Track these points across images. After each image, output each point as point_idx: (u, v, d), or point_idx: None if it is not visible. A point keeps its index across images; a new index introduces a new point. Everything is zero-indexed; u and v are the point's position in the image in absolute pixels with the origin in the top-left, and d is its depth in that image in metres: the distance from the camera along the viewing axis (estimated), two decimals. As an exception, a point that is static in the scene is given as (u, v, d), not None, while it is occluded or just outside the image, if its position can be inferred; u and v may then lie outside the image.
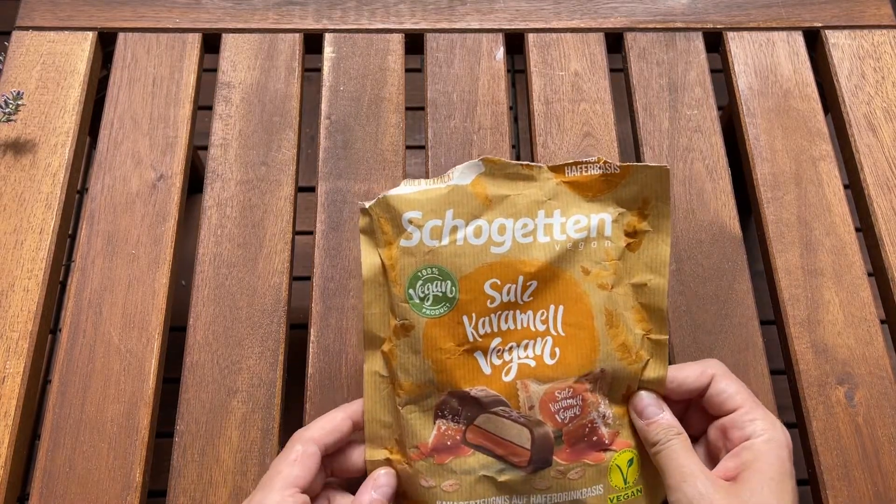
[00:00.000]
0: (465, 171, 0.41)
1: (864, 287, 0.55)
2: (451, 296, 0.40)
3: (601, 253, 0.42)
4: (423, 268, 0.40)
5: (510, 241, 0.41)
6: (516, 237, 0.41)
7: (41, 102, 0.61)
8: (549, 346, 0.41)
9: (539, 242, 0.41)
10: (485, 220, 0.41)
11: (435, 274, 0.40)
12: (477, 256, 0.40)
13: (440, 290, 0.40)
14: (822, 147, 0.61)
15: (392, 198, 0.41)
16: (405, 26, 0.66)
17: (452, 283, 0.40)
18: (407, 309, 0.41)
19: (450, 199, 0.41)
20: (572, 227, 0.41)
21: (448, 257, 0.40)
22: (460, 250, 0.40)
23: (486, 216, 0.41)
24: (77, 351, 0.52)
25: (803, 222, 0.58)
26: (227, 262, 0.56)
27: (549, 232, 0.41)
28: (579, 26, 0.66)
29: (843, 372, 0.53)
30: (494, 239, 0.40)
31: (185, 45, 0.64)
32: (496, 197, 0.41)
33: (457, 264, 0.40)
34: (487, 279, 0.40)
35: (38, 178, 0.58)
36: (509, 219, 0.41)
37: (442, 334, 0.40)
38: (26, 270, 0.54)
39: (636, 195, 0.42)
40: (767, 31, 0.66)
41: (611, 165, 0.42)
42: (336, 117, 0.62)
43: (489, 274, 0.40)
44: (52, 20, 0.65)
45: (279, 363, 0.52)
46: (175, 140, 0.60)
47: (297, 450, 0.41)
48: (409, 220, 0.40)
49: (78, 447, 0.49)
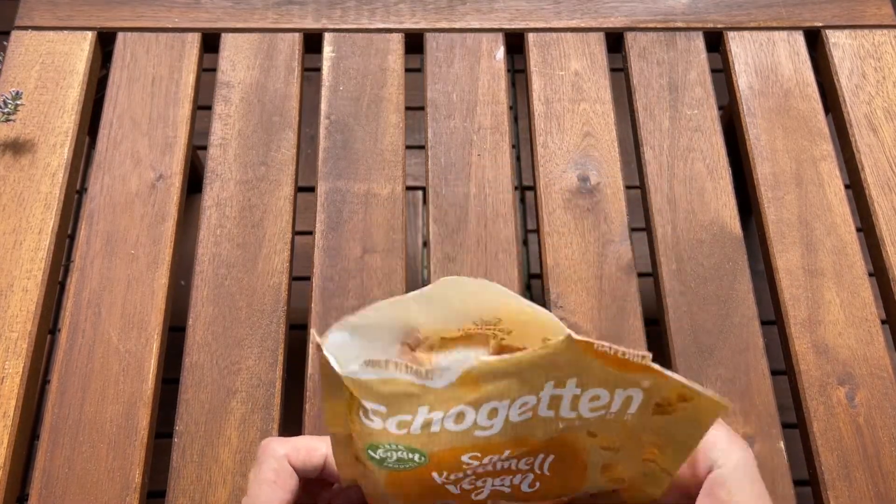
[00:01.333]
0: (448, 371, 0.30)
1: (865, 287, 0.55)
2: (419, 462, 0.32)
3: (617, 425, 0.33)
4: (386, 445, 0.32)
5: (501, 424, 0.32)
6: (510, 417, 0.32)
7: (40, 102, 0.61)
8: (528, 480, 0.35)
9: (539, 417, 0.32)
10: (470, 407, 0.31)
11: (399, 448, 0.32)
12: (455, 439, 0.32)
13: (406, 457, 0.32)
14: (822, 147, 0.61)
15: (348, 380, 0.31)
16: (405, 26, 0.65)
17: (421, 455, 0.32)
18: (365, 458, 0.33)
19: (424, 399, 0.31)
20: (586, 405, 0.32)
21: (417, 443, 0.32)
22: (434, 437, 0.32)
23: (474, 404, 0.31)
24: (76, 351, 0.52)
25: (804, 222, 0.58)
26: (227, 263, 0.55)
27: (554, 405, 0.32)
28: (579, 26, 0.66)
29: (843, 372, 0.53)
30: (480, 423, 0.32)
31: (185, 44, 0.64)
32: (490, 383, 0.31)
33: (429, 445, 0.32)
34: (466, 453, 0.32)
35: (38, 178, 0.58)
36: (504, 401, 0.31)
37: (407, 480, 0.33)
38: (25, 270, 0.54)
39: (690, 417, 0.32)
40: (768, 31, 0.66)
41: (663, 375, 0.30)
42: (336, 117, 0.61)
43: (469, 450, 0.32)
44: (52, 20, 0.65)
45: (279, 363, 0.52)
46: (174, 140, 0.60)
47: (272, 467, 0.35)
48: (373, 411, 0.31)
49: (77, 447, 0.49)
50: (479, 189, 0.58)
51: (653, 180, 0.59)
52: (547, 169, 0.60)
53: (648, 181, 0.59)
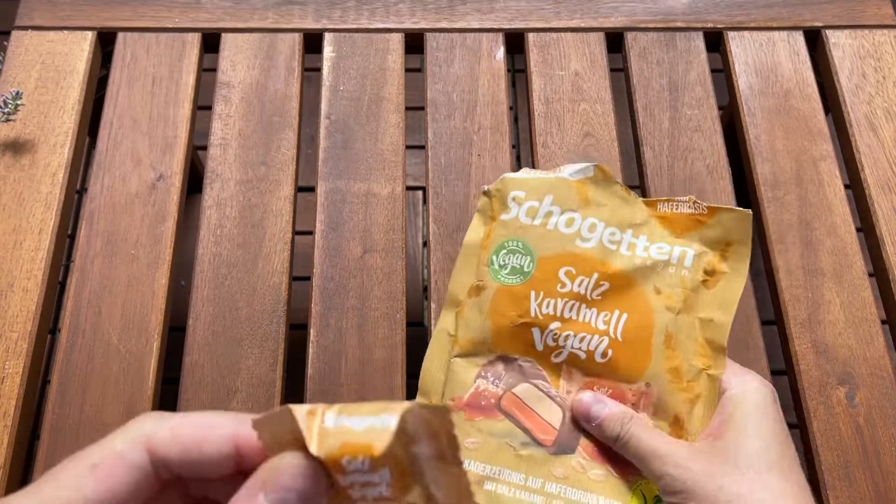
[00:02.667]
0: (575, 169, 0.45)
1: (865, 287, 0.55)
2: (527, 270, 0.44)
3: (676, 279, 0.44)
4: (510, 240, 0.44)
5: (596, 241, 0.44)
6: (603, 239, 0.44)
7: (40, 102, 0.61)
8: (603, 345, 0.43)
9: (621, 253, 0.44)
10: (579, 214, 0.44)
11: (518, 247, 0.44)
12: (561, 243, 0.44)
13: (518, 263, 0.44)
14: (822, 147, 0.61)
15: (507, 178, 0.46)
16: (405, 26, 0.65)
17: (532, 259, 0.44)
18: (485, 272, 0.44)
19: (552, 186, 0.45)
20: (655, 250, 0.44)
21: (535, 236, 0.44)
22: (548, 234, 0.44)
23: (581, 212, 0.44)
24: (76, 351, 0.52)
25: (804, 222, 0.58)
26: (227, 263, 0.55)
27: (632, 249, 0.44)
28: (579, 26, 0.66)
29: (843, 372, 0.53)
30: (583, 234, 0.44)
31: (185, 44, 0.64)
32: (595, 201, 0.45)
33: (540, 245, 0.44)
34: (564, 266, 0.43)
35: (38, 178, 0.58)
36: (601, 222, 0.44)
37: (508, 302, 0.43)
38: (25, 270, 0.54)
39: (720, 237, 0.45)
40: (768, 31, 0.66)
41: (699, 205, 0.45)
42: (336, 117, 0.61)
43: (567, 262, 0.43)
44: (52, 20, 0.65)
45: (279, 364, 0.52)
46: (174, 140, 0.60)
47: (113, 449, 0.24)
48: (513, 197, 0.45)
49: (78, 448, 0.49)
50: (479, 189, 0.58)
51: (653, 180, 0.59)
52: (547, 168, 0.59)
53: (648, 181, 0.59)
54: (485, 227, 0.46)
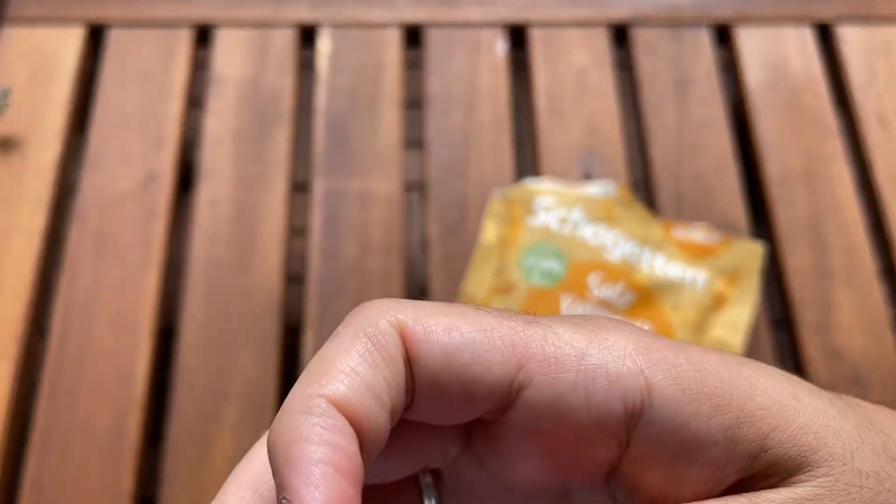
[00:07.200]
0: (599, 187, 0.49)
1: (876, 288, 0.54)
2: (557, 272, 0.47)
3: (690, 299, 0.48)
4: (541, 244, 0.48)
5: (620, 254, 0.47)
6: (626, 253, 0.48)
7: (29, 98, 0.60)
8: None
9: (641, 268, 0.48)
10: (604, 227, 0.48)
11: (549, 251, 0.48)
12: (589, 252, 0.47)
13: (548, 267, 0.47)
14: (832, 144, 0.59)
15: (530, 185, 0.50)
16: (403, 18, 0.64)
17: (562, 262, 0.47)
18: (514, 273, 0.47)
19: (579, 199, 0.49)
20: (671, 270, 0.48)
21: (565, 243, 0.47)
22: (577, 242, 0.47)
23: (606, 226, 0.48)
24: (66, 354, 0.51)
25: (814, 221, 0.56)
26: (220, 263, 0.54)
27: (650, 266, 0.48)
28: (583, 17, 0.64)
29: (854, 375, 0.51)
30: (607, 247, 0.47)
31: (177, 38, 0.63)
32: (618, 217, 0.49)
33: (571, 251, 0.47)
34: (593, 271, 0.47)
35: (27, 177, 0.57)
36: (624, 237, 0.48)
37: (539, 302, 0.46)
38: (14, 272, 0.53)
39: (730, 266, 0.49)
40: (777, 25, 0.64)
41: (713, 234, 0.49)
42: (332, 113, 0.60)
43: (596, 268, 0.47)
44: (41, 14, 0.63)
45: (274, 367, 0.51)
46: (166, 137, 0.59)
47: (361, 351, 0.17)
48: (542, 204, 0.49)
49: (68, 453, 0.48)
50: (479, 187, 0.57)
51: (659, 179, 0.58)
52: (550, 166, 0.58)
53: (654, 180, 0.58)
54: (501, 230, 0.49)
